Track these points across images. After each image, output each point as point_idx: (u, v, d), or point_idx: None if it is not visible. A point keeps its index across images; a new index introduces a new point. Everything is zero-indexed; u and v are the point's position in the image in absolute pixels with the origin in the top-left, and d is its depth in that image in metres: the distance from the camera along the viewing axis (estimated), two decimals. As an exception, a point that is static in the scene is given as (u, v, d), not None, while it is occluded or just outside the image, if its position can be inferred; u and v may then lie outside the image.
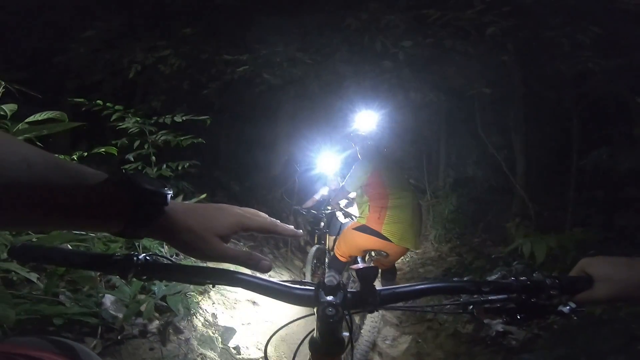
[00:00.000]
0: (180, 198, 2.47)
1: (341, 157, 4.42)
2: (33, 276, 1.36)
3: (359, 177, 2.82)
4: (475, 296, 0.71)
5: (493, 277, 2.96)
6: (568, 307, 0.68)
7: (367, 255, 2.87)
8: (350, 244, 2.84)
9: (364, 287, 0.65)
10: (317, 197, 4.92)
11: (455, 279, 3.14)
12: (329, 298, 0.63)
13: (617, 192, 3.23)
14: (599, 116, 3.59)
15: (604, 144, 2.70)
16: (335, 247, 3.05)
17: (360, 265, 0.74)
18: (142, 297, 1.90)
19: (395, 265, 3.66)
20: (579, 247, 2.40)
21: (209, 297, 2.75)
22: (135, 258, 0.64)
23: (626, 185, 3.21)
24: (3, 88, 1.45)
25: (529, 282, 0.65)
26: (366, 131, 3.13)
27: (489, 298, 0.70)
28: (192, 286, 2.24)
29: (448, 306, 0.81)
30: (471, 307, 0.72)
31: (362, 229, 2.71)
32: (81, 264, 0.67)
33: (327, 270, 3.12)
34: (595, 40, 3.24)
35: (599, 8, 3.42)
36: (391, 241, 2.62)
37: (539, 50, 3.66)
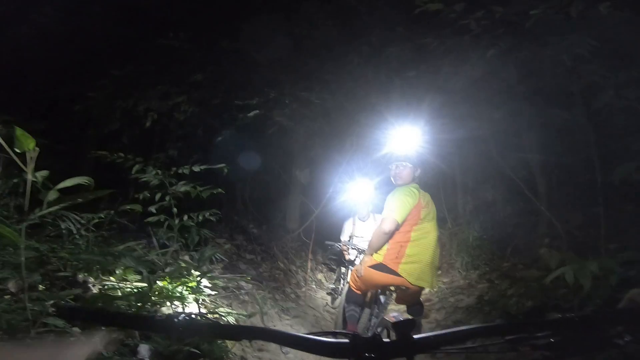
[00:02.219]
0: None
1: (372, 184, 4.31)
2: (75, 331, 1.38)
3: (409, 204, 2.55)
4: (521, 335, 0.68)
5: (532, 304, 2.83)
6: (624, 340, 0.65)
7: (387, 290, 2.80)
8: (366, 281, 2.76)
9: (400, 338, 0.65)
10: (344, 236, 4.63)
11: (497, 320, 3.00)
12: (366, 351, 0.62)
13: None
14: (615, 129, 3.54)
15: (624, 156, 2.64)
16: (350, 281, 2.97)
17: (396, 317, 0.73)
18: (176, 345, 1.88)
19: (423, 295, 3.53)
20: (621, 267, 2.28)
21: (239, 342, 2.70)
22: (175, 319, 0.65)
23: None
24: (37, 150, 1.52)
25: (576, 319, 0.63)
26: (410, 154, 2.87)
27: (536, 335, 0.68)
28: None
29: (492, 346, 0.78)
30: (517, 343, 0.70)
31: (379, 267, 2.61)
32: (126, 324, 0.69)
33: (346, 304, 3.02)
34: (594, 53, 3.26)
35: (592, 20, 3.47)
36: (408, 280, 2.55)
37: (541, 68, 3.69)
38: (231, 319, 2.37)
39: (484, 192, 5.66)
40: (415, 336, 0.66)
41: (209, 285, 2.48)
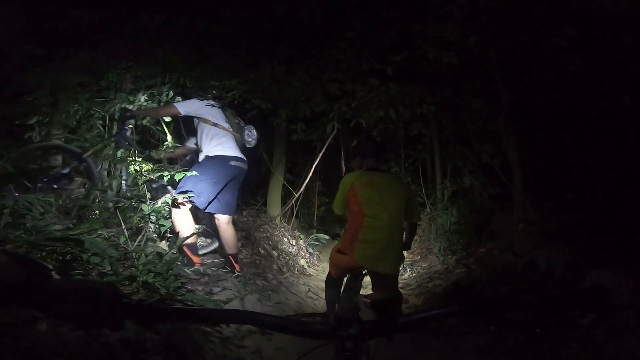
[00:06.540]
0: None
1: None
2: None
3: (341, 192, 2.73)
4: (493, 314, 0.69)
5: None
6: (587, 319, 0.67)
7: (358, 274, 2.82)
8: (335, 265, 2.79)
9: (379, 317, 0.65)
10: None
11: (469, 300, 3.08)
12: (346, 331, 0.62)
13: (617, 192, 3.24)
14: (589, 117, 3.63)
15: (598, 144, 2.71)
16: (329, 265, 3.01)
17: (373, 296, 0.72)
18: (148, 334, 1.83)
19: (401, 280, 3.57)
20: (592, 253, 2.37)
21: (217, 329, 2.67)
22: (147, 305, 0.62)
23: (625, 184, 3.22)
24: None
25: (544, 298, 0.64)
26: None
27: (506, 315, 0.68)
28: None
29: (466, 326, 0.79)
30: (489, 323, 0.71)
31: (340, 251, 2.65)
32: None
33: (325, 288, 3.06)
34: (572, 42, 3.32)
35: (573, 9, 3.52)
36: (364, 266, 2.53)
37: (520, 56, 3.74)
38: (208, 307, 2.34)
39: (462, 178, 5.77)
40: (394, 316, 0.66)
41: (186, 272, 2.44)
